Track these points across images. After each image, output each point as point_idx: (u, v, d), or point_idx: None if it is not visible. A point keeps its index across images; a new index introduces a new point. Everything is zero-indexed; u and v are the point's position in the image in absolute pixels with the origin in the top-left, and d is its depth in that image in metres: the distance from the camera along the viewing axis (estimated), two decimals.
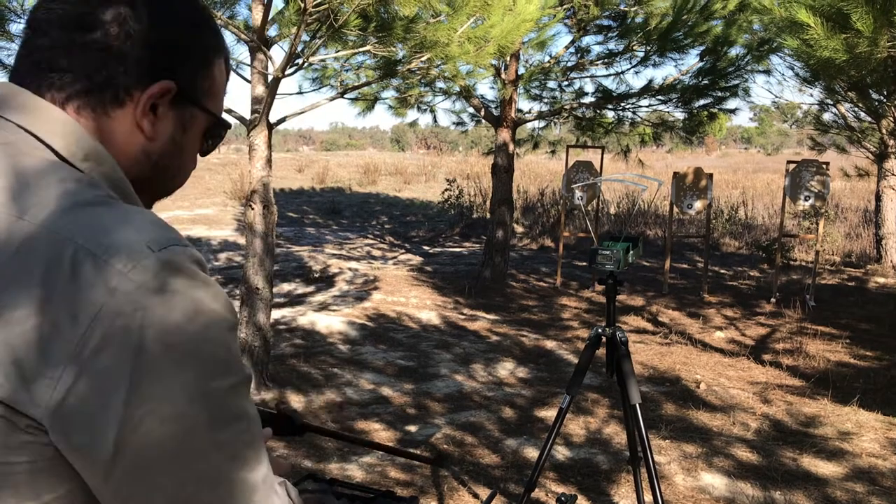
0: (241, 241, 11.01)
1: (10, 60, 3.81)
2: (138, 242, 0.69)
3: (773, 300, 8.25)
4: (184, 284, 0.69)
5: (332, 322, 6.81)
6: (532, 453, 4.04)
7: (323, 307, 7.49)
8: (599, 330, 2.84)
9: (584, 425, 4.50)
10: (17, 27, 4.56)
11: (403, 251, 11.93)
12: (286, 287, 8.56)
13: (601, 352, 2.98)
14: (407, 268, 10.15)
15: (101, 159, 0.78)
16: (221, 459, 0.70)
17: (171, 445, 0.67)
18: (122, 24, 0.79)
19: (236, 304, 5.23)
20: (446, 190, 14.98)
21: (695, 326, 7.18)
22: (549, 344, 6.37)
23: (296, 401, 4.79)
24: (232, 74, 5.69)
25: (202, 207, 15.70)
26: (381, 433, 4.30)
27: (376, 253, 11.60)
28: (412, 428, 4.41)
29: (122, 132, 0.81)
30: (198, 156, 0.93)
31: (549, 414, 4.67)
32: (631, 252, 2.80)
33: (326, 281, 8.94)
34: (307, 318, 6.95)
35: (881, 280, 9.63)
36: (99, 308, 0.65)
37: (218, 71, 0.90)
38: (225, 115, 0.95)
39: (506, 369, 5.66)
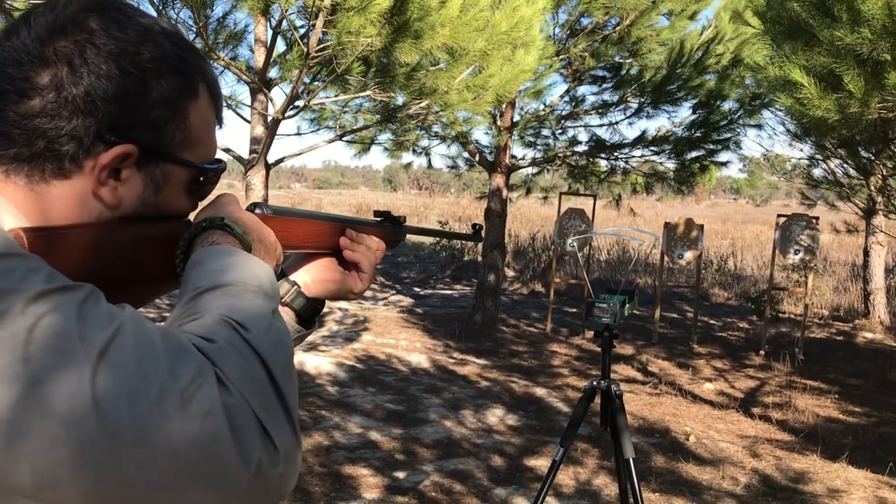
0: None
1: None
2: None
3: (762, 352, 8.27)
4: None
5: (320, 363, 6.77)
6: None
7: (312, 347, 7.44)
8: (594, 383, 2.84)
9: (574, 476, 4.46)
10: None
11: (394, 292, 11.92)
12: None
13: (594, 403, 2.98)
14: (397, 309, 10.12)
15: None
16: None
17: None
18: (61, 88, 0.68)
19: None
20: None
21: (684, 377, 7.17)
22: (539, 391, 6.34)
23: None
24: (231, 114, 5.69)
25: None
26: (368, 478, 4.25)
27: (367, 293, 11.56)
28: (400, 474, 4.36)
29: (70, 203, 0.70)
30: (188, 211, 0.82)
31: (538, 463, 4.63)
32: (627, 305, 2.81)
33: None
34: (296, 357, 6.86)
35: (869, 335, 9.67)
36: None
37: (196, 113, 0.77)
38: (220, 154, 0.83)
39: (495, 416, 5.62)
